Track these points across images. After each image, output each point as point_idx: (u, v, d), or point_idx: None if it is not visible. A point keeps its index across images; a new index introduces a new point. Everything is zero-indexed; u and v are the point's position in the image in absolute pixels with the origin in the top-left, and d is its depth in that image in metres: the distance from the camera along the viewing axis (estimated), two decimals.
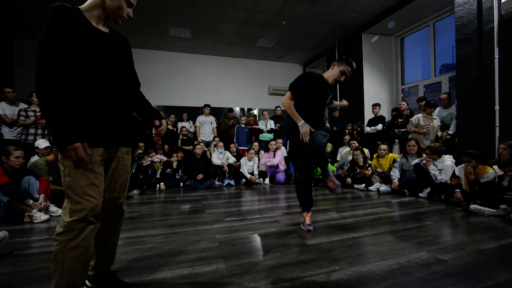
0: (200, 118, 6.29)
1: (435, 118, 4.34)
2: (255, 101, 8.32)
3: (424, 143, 4.17)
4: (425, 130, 4.27)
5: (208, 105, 6.36)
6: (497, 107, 3.56)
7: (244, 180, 5.16)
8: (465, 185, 3.10)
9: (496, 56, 3.55)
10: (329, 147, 5.52)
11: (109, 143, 1.20)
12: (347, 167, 4.81)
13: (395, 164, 4.11)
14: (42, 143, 3.70)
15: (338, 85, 6.93)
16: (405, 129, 5.00)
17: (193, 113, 6.67)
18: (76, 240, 1.07)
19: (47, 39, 1.06)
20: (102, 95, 1.16)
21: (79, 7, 1.17)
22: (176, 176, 4.94)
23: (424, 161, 3.66)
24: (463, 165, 3.25)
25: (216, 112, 7.47)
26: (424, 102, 4.65)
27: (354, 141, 5.16)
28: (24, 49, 6.36)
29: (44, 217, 2.65)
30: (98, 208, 1.13)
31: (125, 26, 5.87)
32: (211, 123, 6.32)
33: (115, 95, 1.22)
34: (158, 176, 4.76)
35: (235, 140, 6.19)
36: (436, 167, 3.64)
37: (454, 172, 3.42)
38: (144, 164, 4.84)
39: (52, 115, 1.01)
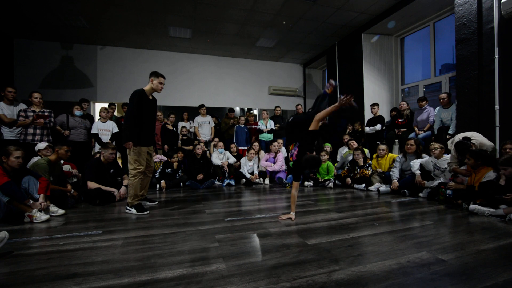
0: (198, 119, 6.29)
1: None
2: (255, 101, 8.32)
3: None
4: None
5: (203, 105, 6.35)
6: (497, 107, 3.56)
7: (244, 180, 5.16)
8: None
9: (496, 56, 3.54)
10: (328, 147, 5.52)
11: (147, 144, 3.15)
12: (347, 167, 4.81)
13: (394, 164, 4.11)
14: (41, 145, 3.77)
15: (338, 85, 6.96)
16: (405, 129, 5.01)
17: (193, 113, 6.67)
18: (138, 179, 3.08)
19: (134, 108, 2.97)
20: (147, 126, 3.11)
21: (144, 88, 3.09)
22: (176, 176, 4.94)
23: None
24: (464, 166, 3.26)
25: (216, 112, 7.47)
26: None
27: (353, 141, 5.16)
28: (24, 49, 6.35)
29: (44, 217, 2.65)
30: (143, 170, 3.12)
31: (126, 26, 5.89)
32: (209, 123, 6.32)
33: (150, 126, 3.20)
34: (157, 175, 4.76)
35: (234, 140, 6.18)
36: (440, 168, 3.63)
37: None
38: None
39: (128, 132, 2.94)
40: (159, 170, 4.83)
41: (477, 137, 3.28)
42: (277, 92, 8.38)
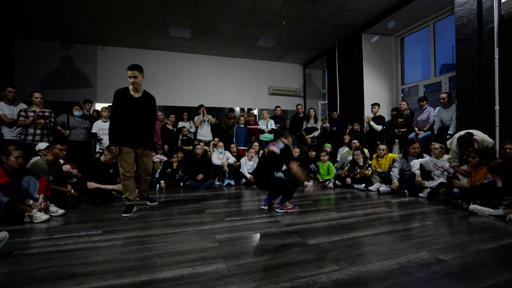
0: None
1: None
2: (255, 101, 8.33)
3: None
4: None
5: (201, 106, 6.35)
6: (497, 107, 3.56)
7: (244, 180, 5.16)
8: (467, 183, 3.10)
9: (496, 56, 3.54)
10: (328, 147, 5.52)
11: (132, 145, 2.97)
12: (347, 167, 4.81)
13: (394, 164, 4.11)
14: (42, 145, 3.78)
15: (338, 85, 6.95)
16: (405, 129, 5.01)
17: (193, 113, 6.68)
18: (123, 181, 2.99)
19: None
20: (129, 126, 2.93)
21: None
22: (176, 176, 4.94)
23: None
24: (464, 166, 3.26)
25: (216, 112, 7.47)
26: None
27: (355, 141, 5.15)
28: (24, 49, 6.36)
29: (44, 217, 2.65)
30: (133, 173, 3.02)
31: (126, 26, 5.89)
32: (209, 122, 6.32)
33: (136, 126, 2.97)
34: (157, 176, 4.75)
35: (234, 140, 6.18)
36: (440, 168, 3.62)
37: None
38: None
39: (111, 135, 2.88)
40: (159, 170, 4.82)
41: (478, 134, 3.29)
42: (277, 92, 8.38)
